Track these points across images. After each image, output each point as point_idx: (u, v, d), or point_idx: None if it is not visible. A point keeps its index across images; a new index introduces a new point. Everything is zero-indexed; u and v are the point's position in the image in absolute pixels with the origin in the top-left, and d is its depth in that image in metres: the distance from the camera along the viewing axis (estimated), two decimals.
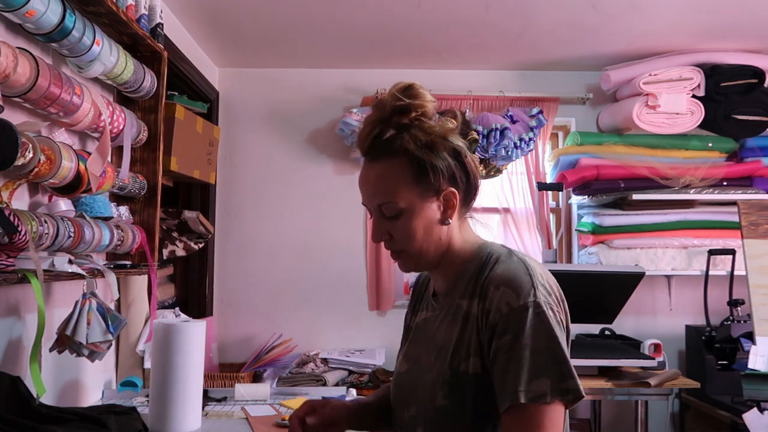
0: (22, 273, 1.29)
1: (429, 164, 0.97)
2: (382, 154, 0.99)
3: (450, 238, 1.03)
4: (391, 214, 1.00)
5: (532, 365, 0.87)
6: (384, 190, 0.99)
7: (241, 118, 3.26)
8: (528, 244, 3.19)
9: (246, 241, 3.22)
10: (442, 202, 1.00)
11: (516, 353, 0.88)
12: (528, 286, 0.91)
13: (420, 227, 0.99)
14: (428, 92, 1.01)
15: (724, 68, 2.91)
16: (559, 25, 2.66)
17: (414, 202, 0.98)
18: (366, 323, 3.19)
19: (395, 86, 1.00)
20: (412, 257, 1.03)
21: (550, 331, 0.89)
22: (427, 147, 0.98)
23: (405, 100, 0.98)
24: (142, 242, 1.88)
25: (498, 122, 2.96)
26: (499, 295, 0.92)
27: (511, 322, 0.89)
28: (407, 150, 0.97)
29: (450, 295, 1.03)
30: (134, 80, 1.83)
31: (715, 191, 2.99)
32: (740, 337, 2.73)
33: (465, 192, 1.03)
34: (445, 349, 0.98)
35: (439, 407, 0.96)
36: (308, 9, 2.51)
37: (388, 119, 0.99)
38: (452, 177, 1.00)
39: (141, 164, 1.98)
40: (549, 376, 0.86)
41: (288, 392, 2.08)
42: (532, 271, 0.95)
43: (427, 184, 0.98)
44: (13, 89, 1.33)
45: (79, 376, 1.87)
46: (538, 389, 0.86)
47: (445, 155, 0.99)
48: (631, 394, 2.47)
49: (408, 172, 0.98)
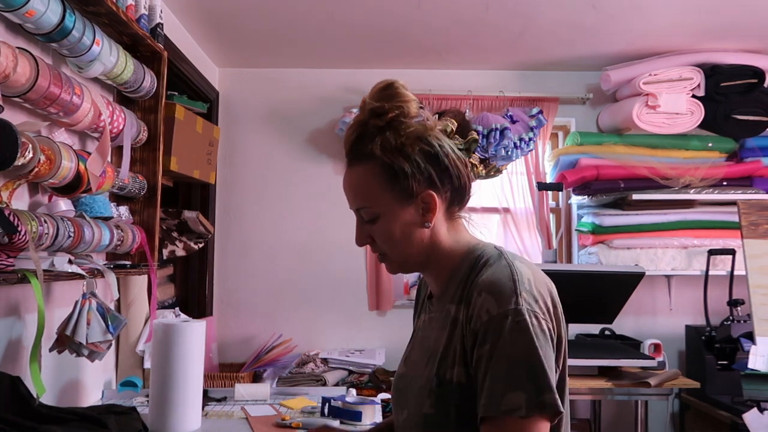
0: (22, 273, 1.29)
1: (399, 169, 0.95)
2: (357, 159, 0.99)
3: (436, 240, 1.00)
4: (368, 218, 0.99)
5: (507, 377, 0.84)
6: (360, 195, 0.99)
7: (241, 118, 3.26)
8: (528, 244, 3.19)
9: (246, 241, 3.22)
10: (421, 204, 0.97)
11: (493, 363, 0.85)
12: (509, 293, 0.88)
13: (397, 231, 0.98)
14: (408, 91, 0.98)
15: (724, 68, 2.91)
16: (559, 25, 2.66)
17: (389, 206, 0.97)
18: (366, 323, 3.19)
19: (375, 86, 0.99)
20: (395, 261, 1.02)
21: (529, 341, 0.85)
22: (397, 151, 0.95)
23: (380, 102, 0.96)
24: (142, 242, 1.88)
25: (498, 122, 2.96)
26: (481, 302, 0.89)
27: (490, 330, 0.87)
28: (377, 155, 0.96)
29: (442, 299, 1.01)
30: (134, 80, 1.83)
31: (715, 191, 2.99)
32: (740, 337, 2.73)
33: (451, 191, 1.00)
34: (434, 355, 0.96)
35: (426, 415, 0.95)
36: (308, 9, 2.51)
37: (366, 122, 0.98)
38: (429, 179, 0.97)
39: (141, 164, 1.98)
40: (524, 390, 0.83)
41: (288, 392, 2.08)
42: (519, 276, 0.90)
43: (400, 188, 0.96)
44: (13, 89, 1.33)
45: (78, 376, 1.87)
46: (512, 402, 0.83)
47: (417, 158, 0.96)
48: (631, 394, 2.47)
49: (380, 176, 0.96)
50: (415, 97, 0.99)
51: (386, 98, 0.97)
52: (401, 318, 3.18)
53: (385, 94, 0.97)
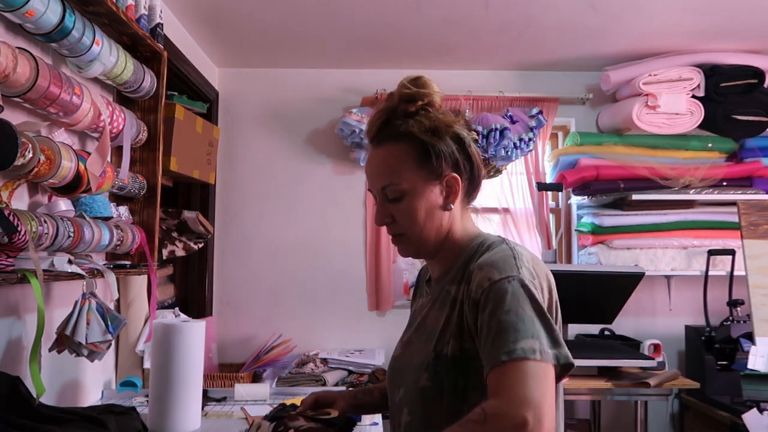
0: (21, 273, 1.29)
1: (432, 148, 1.00)
2: (388, 139, 1.03)
3: (450, 226, 1.04)
4: (394, 197, 1.02)
5: (518, 326, 0.84)
6: (388, 172, 1.02)
7: (241, 118, 3.26)
8: (528, 244, 3.19)
9: (245, 241, 3.22)
10: (445, 187, 1.02)
11: (499, 317, 0.86)
12: (511, 265, 0.92)
13: (422, 210, 1.01)
14: (436, 84, 1.04)
15: (724, 68, 2.91)
16: (559, 26, 2.66)
17: (417, 185, 1.01)
18: (365, 323, 3.19)
19: (405, 78, 1.04)
20: (412, 241, 1.05)
21: (534, 301, 0.88)
22: (431, 131, 1.00)
23: (412, 89, 1.01)
24: (142, 242, 1.88)
25: (498, 122, 2.96)
26: (482, 274, 0.92)
27: (492, 292, 0.89)
28: (411, 134, 1.00)
29: (441, 281, 1.05)
30: (134, 80, 1.83)
31: (715, 191, 2.99)
32: (740, 338, 2.73)
33: (468, 181, 1.05)
34: (433, 332, 1.00)
35: (422, 388, 0.98)
36: (308, 9, 2.51)
37: (396, 107, 1.03)
38: (455, 163, 1.02)
39: (141, 164, 1.98)
40: (538, 338, 0.84)
41: (287, 392, 2.08)
42: (518, 255, 0.95)
43: (430, 167, 1.00)
44: (12, 89, 1.33)
45: (78, 376, 1.87)
46: (527, 346, 0.82)
47: (449, 141, 1.01)
48: (630, 394, 2.48)
49: (412, 155, 1.01)
50: (440, 90, 1.05)
51: (417, 87, 1.02)
52: (401, 318, 3.15)
53: (415, 83, 1.02)
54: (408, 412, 1.02)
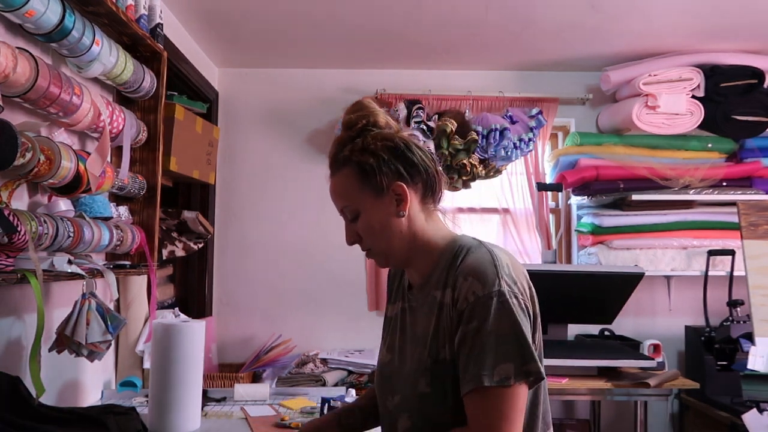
0: (21, 273, 1.29)
1: (368, 165, 1.05)
2: (335, 167, 1.10)
3: (415, 230, 1.08)
4: (351, 217, 1.09)
5: (496, 350, 0.93)
6: (340, 197, 1.10)
7: (241, 119, 3.26)
8: (527, 244, 3.19)
9: (245, 241, 3.22)
10: (394, 196, 1.07)
11: (481, 339, 0.94)
12: (493, 276, 0.98)
13: (377, 224, 1.07)
14: (376, 105, 1.11)
15: (724, 69, 2.92)
16: (559, 26, 2.66)
17: (366, 203, 1.07)
18: (365, 323, 3.19)
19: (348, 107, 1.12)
20: (381, 254, 1.11)
21: (513, 318, 0.95)
22: (364, 150, 1.06)
23: (351, 115, 1.09)
24: (142, 242, 1.88)
25: (497, 123, 2.96)
26: (468, 286, 0.98)
27: (476, 310, 0.96)
28: (348, 158, 1.07)
29: (425, 287, 1.09)
30: (134, 80, 1.83)
31: (715, 192, 2.99)
32: (740, 338, 2.73)
33: (422, 184, 1.09)
34: (424, 338, 1.04)
35: (422, 394, 1.02)
36: (308, 9, 2.51)
37: (343, 136, 1.10)
38: (397, 172, 1.06)
39: (140, 164, 1.98)
40: (512, 361, 0.93)
41: (287, 392, 2.08)
42: (498, 261, 1.01)
43: (374, 184, 1.06)
44: (12, 89, 1.33)
45: (78, 376, 1.87)
46: (503, 372, 0.92)
47: (383, 154, 1.06)
48: (630, 394, 2.47)
49: (353, 176, 1.07)
50: (382, 110, 1.12)
51: (355, 112, 1.10)
52: None
53: (353, 109, 1.10)
54: (408, 418, 1.06)
